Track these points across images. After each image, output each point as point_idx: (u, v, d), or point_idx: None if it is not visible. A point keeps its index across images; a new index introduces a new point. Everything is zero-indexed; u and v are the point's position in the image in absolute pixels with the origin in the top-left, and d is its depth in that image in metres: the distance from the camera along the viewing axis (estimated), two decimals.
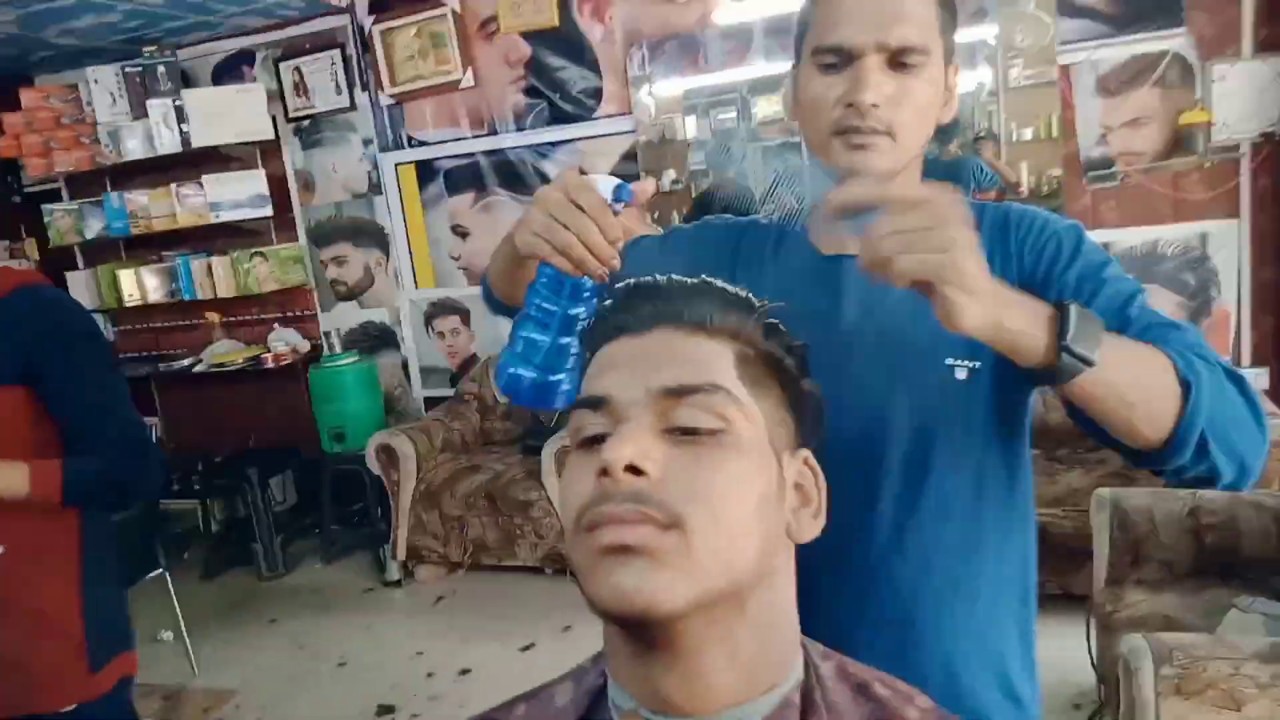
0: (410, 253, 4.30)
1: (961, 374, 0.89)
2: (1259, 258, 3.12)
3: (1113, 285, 0.87)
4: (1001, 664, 0.96)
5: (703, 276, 0.66)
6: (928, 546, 0.92)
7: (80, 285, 4.65)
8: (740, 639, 0.58)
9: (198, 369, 4.43)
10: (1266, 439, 0.79)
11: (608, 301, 0.68)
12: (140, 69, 4.18)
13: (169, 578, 3.19)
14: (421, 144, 4.17)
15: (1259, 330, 3.16)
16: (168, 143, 4.12)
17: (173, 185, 4.24)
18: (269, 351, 4.30)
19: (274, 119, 4.26)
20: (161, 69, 4.18)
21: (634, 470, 0.56)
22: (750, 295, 0.67)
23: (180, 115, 4.10)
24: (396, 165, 4.23)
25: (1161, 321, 0.84)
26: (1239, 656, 1.59)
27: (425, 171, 4.19)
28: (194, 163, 4.22)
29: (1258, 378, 3.10)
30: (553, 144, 3.94)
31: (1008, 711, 0.94)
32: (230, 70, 4.41)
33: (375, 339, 4.43)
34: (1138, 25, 3.09)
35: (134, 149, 4.19)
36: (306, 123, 4.34)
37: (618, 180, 0.80)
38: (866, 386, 0.91)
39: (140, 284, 4.47)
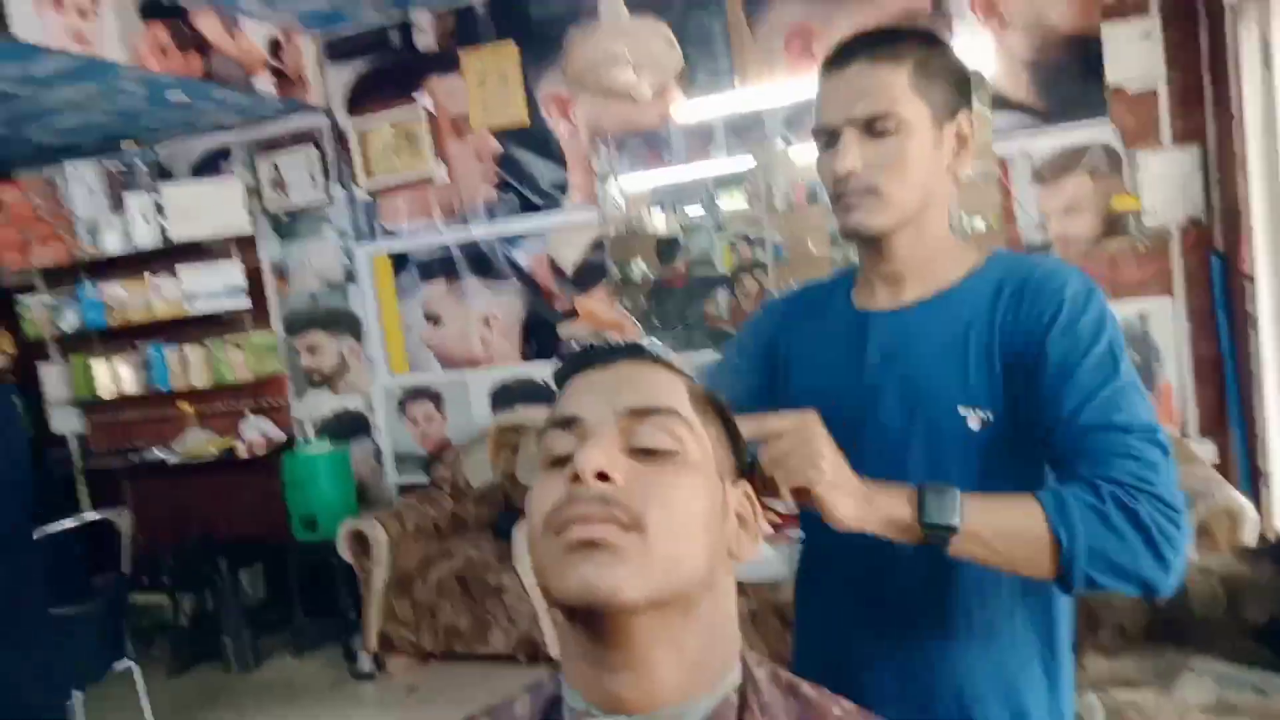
0: (384, 339, 4.39)
1: (974, 424, 0.98)
2: (1195, 333, 3.29)
3: (1082, 379, 0.93)
4: (1019, 704, 1.02)
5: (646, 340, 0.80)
6: (945, 584, 1.01)
7: (54, 378, 4.68)
8: (687, 641, 0.65)
9: (171, 461, 4.43)
10: (1173, 555, 0.86)
11: (577, 350, 0.78)
12: (119, 164, 4.30)
13: (137, 672, 3.14)
14: (395, 235, 4.30)
15: (1202, 402, 3.31)
16: (145, 237, 4.21)
17: (148, 276, 4.31)
18: (242, 441, 4.32)
19: (251, 212, 4.37)
20: (140, 164, 4.30)
21: (602, 477, 0.63)
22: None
23: (158, 210, 4.20)
24: (371, 256, 4.35)
25: (1108, 426, 0.90)
26: (1186, 709, 1.66)
27: (399, 260, 4.31)
28: (170, 255, 4.31)
29: (1204, 449, 3.23)
30: (522, 234, 4.09)
31: None
32: (209, 165, 4.54)
33: (348, 426, 4.47)
34: (1064, 117, 3.32)
35: (112, 243, 4.28)
36: (283, 216, 4.46)
37: None
38: (886, 431, 1.02)
39: (114, 374, 4.50)
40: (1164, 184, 3.24)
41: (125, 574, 3.53)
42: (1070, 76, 3.30)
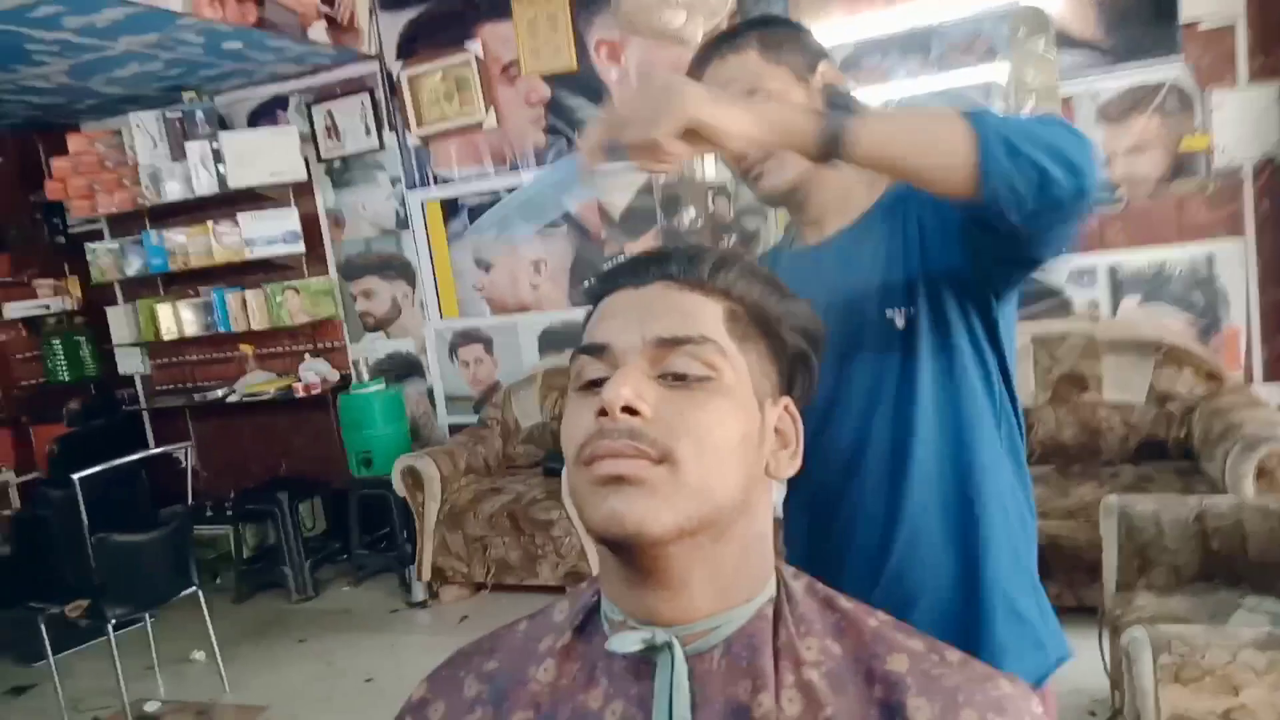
0: (436, 285, 4.45)
1: (900, 322, 1.03)
2: (1266, 277, 3.18)
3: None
4: (1001, 581, 1.04)
5: (699, 244, 0.77)
6: (909, 474, 1.04)
7: (120, 319, 4.84)
8: (721, 561, 0.65)
9: (231, 399, 4.57)
10: (1087, 145, 0.84)
11: (615, 261, 0.78)
12: (179, 114, 4.39)
13: (202, 597, 3.29)
14: (447, 181, 4.33)
15: (1270, 348, 3.21)
16: (205, 184, 4.30)
17: (209, 223, 4.42)
18: (300, 381, 4.44)
19: (306, 160, 4.44)
20: (200, 114, 4.39)
21: (629, 411, 0.62)
22: (750, 259, 0.74)
23: (217, 157, 4.29)
24: (423, 202, 4.39)
25: None
26: (1236, 644, 1.63)
27: (450, 207, 4.35)
28: (230, 202, 4.41)
29: (1270, 393, 3.14)
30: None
31: (1011, 627, 1.03)
32: (265, 114, 4.61)
33: (402, 368, 4.56)
34: (1135, 56, 3.19)
35: (173, 190, 4.38)
36: (337, 163, 4.52)
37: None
38: (829, 352, 1.02)
39: (177, 318, 4.63)
40: (1238, 123, 3.12)
41: (189, 505, 3.67)
42: (1141, 13, 3.17)
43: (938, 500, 1.04)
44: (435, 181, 4.36)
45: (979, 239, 0.94)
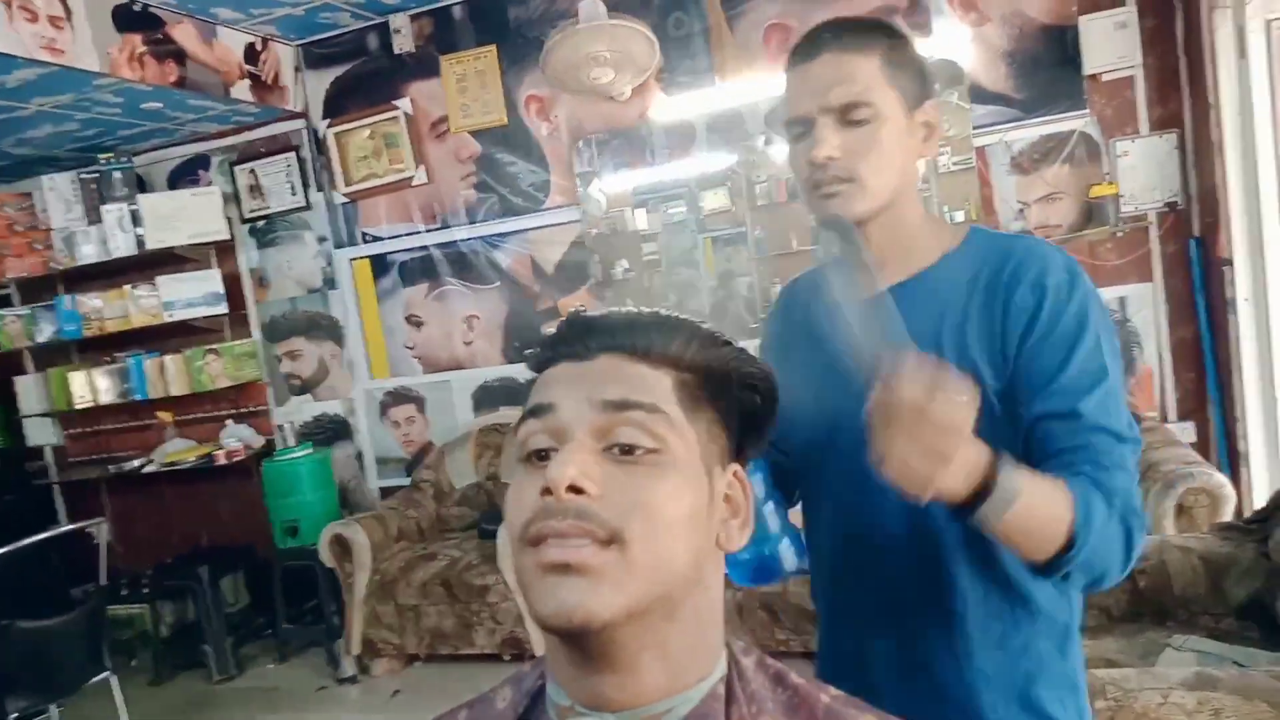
0: (365, 344, 4.36)
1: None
2: (1175, 318, 3.30)
3: (1074, 375, 0.94)
4: (1028, 686, 1.01)
5: (642, 308, 0.71)
6: (940, 547, 1.01)
7: (29, 389, 4.63)
8: (671, 640, 0.63)
9: (148, 469, 4.39)
10: (1127, 565, 0.91)
11: (553, 330, 0.72)
12: (96, 175, 4.27)
13: (115, 682, 3.10)
14: (375, 239, 4.28)
15: (1181, 385, 3.31)
16: (122, 246, 4.18)
17: (126, 287, 4.28)
18: (221, 449, 4.28)
19: (229, 220, 4.35)
20: (117, 175, 4.28)
21: (575, 490, 0.60)
22: (691, 320, 0.70)
23: (135, 219, 4.17)
24: (351, 260, 4.33)
25: (1104, 429, 0.93)
26: (1167, 686, 1.64)
27: (380, 265, 4.29)
28: (149, 264, 4.29)
29: (1183, 431, 3.23)
30: (503, 235, 4.07)
31: None
32: (186, 173, 4.52)
33: (330, 431, 4.44)
34: (1044, 109, 3.33)
35: (88, 253, 4.25)
36: (261, 222, 4.44)
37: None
38: (860, 418, 0.94)
39: (92, 385, 4.45)
40: (1142, 171, 3.26)
41: (103, 585, 3.48)
42: (1048, 67, 3.31)
43: (979, 586, 1.01)
44: (363, 239, 4.30)
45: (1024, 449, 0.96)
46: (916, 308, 1.00)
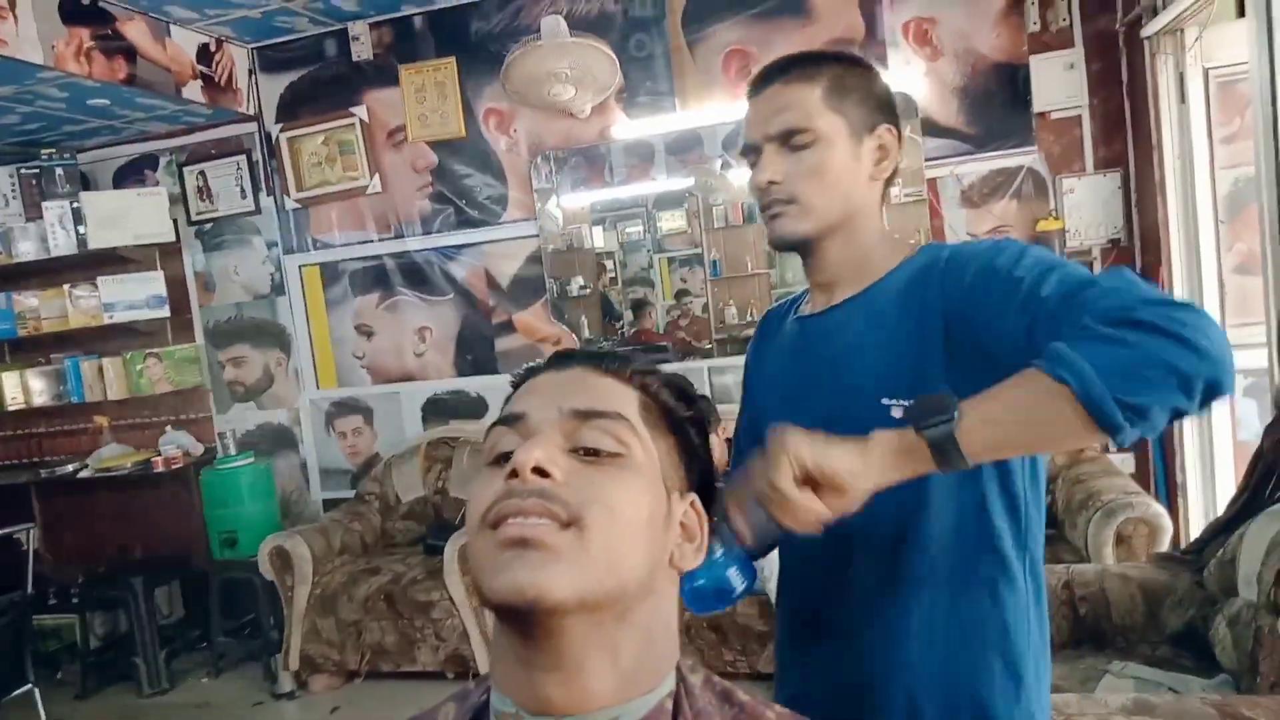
0: (313, 352, 4.28)
1: (897, 414, 0.98)
2: None
3: (1025, 284, 0.88)
4: (978, 704, 1.02)
5: (621, 349, 0.77)
6: (889, 567, 1.02)
7: None
8: (621, 646, 0.63)
9: (82, 474, 4.24)
10: (1197, 334, 0.76)
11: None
12: (37, 170, 4.14)
13: (38, 695, 2.98)
14: (327, 246, 4.21)
15: None
16: (63, 244, 4.05)
17: (66, 286, 4.15)
18: (160, 455, 4.16)
19: (175, 221, 4.25)
20: (60, 171, 4.16)
21: (540, 472, 0.62)
22: (650, 361, 0.76)
23: (78, 217, 4.05)
24: (301, 267, 4.25)
25: (1066, 293, 0.85)
26: (1106, 711, 1.68)
27: (330, 272, 4.22)
28: (90, 264, 4.16)
29: (1124, 462, 3.32)
30: (458, 246, 4.04)
31: None
32: (133, 173, 4.41)
33: (273, 440, 4.34)
34: (994, 144, 3.42)
35: (27, 250, 4.11)
36: (209, 225, 4.34)
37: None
38: (815, 419, 0.96)
39: (25, 386, 4.30)
40: (1087, 208, 3.36)
41: (29, 593, 3.36)
42: (999, 104, 3.40)
43: (942, 609, 1.02)
44: (314, 246, 4.23)
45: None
46: (863, 318, 1.05)
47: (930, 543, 1.02)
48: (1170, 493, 3.14)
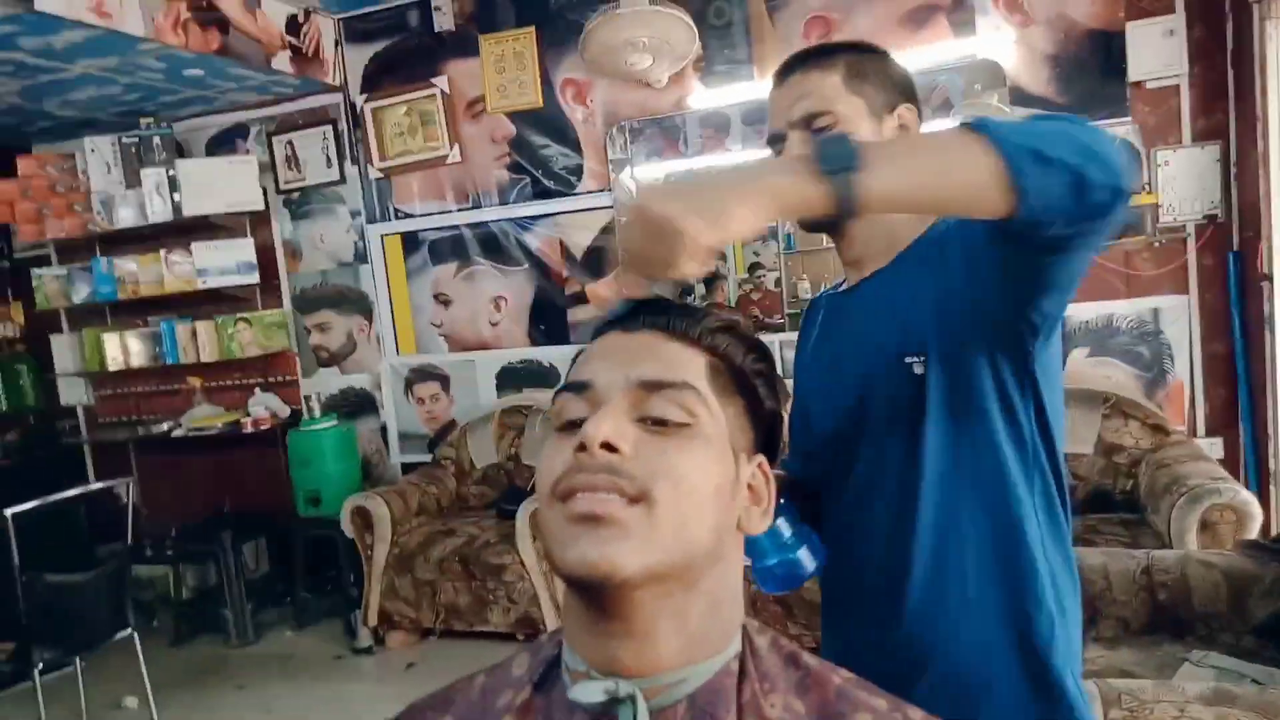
0: (393, 319, 4.40)
1: (919, 369, 1.01)
2: (1208, 332, 3.26)
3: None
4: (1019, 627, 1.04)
5: (693, 303, 0.76)
6: (910, 515, 1.04)
7: (64, 348, 4.71)
8: (689, 612, 0.64)
9: (176, 433, 4.45)
10: (1110, 139, 0.80)
11: (615, 309, 0.76)
12: (136, 139, 4.32)
13: (137, 640, 3.16)
14: (408, 216, 4.30)
15: (1211, 401, 3.28)
16: (159, 211, 4.22)
17: (162, 252, 4.33)
18: (249, 416, 4.34)
19: (264, 190, 4.39)
20: (157, 140, 4.32)
21: (608, 447, 0.63)
22: (733, 319, 0.74)
23: (173, 185, 4.21)
24: (383, 236, 4.36)
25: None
26: (1184, 699, 1.64)
27: (410, 242, 4.32)
28: (184, 231, 4.33)
29: (1211, 446, 3.20)
30: (534, 217, 4.09)
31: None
32: (224, 142, 4.56)
33: (355, 404, 4.49)
34: (1086, 114, 3.28)
35: (126, 217, 4.29)
36: (296, 194, 4.48)
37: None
38: (848, 395, 1.09)
39: (124, 348, 4.52)
40: (1182, 182, 3.22)
41: (129, 545, 3.55)
42: (1092, 72, 3.27)
43: (954, 549, 1.03)
44: (396, 215, 4.33)
45: (1014, 262, 0.88)
46: (884, 286, 1.09)
47: (941, 482, 1.04)
48: (1262, 480, 3.02)
